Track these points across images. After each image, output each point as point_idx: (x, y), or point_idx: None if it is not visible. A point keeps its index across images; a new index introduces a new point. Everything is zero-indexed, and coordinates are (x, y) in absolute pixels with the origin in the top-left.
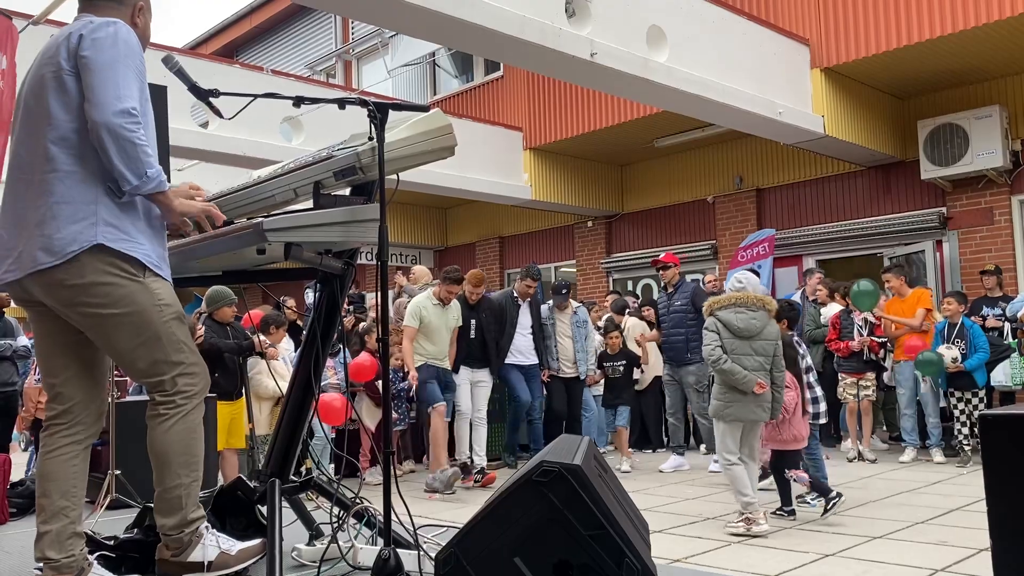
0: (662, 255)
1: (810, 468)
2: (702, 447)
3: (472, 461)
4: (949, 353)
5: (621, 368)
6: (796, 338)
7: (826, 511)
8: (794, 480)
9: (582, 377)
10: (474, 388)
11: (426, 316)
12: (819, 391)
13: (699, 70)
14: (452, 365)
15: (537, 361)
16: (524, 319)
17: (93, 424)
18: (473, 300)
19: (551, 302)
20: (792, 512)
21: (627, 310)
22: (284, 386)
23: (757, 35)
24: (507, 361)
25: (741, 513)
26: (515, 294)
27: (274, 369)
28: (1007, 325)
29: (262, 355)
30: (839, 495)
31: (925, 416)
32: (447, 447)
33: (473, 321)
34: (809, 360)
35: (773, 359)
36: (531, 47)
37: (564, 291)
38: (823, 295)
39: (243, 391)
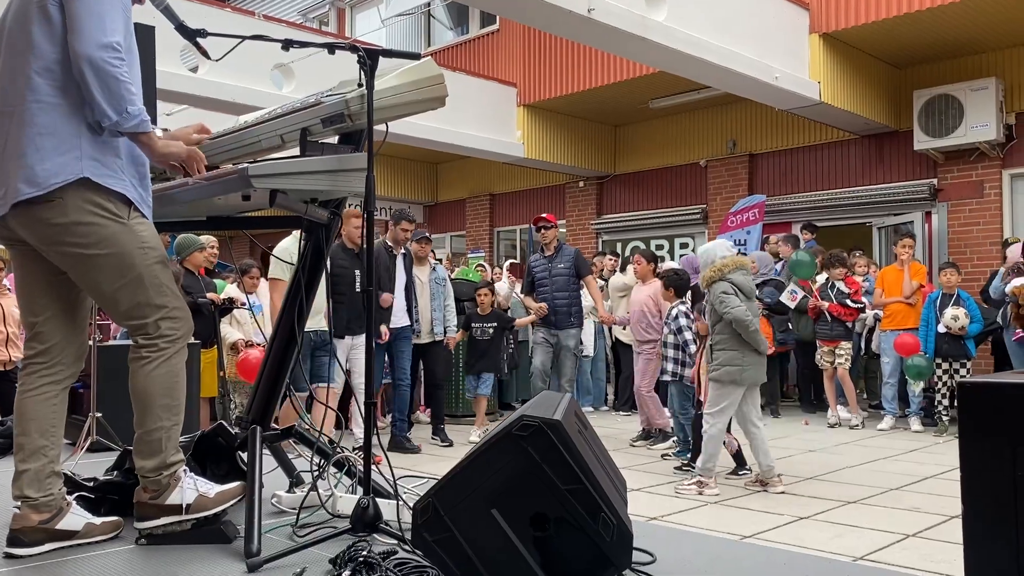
0: (546, 214)
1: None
2: None
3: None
4: (957, 324)
5: (491, 331)
6: (687, 308)
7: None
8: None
9: (442, 339)
10: (353, 352)
11: None
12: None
13: (697, 31)
14: (333, 327)
15: (409, 323)
16: (400, 273)
17: (72, 364)
18: (355, 244)
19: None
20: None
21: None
22: (240, 335)
23: None
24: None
25: (697, 475)
26: (388, 243)
27: (235, 318)
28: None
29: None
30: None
31: (907, 384)
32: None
33: (358, 272)
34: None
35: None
36: None
37: (427, 238)
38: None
39: (216, 341)
